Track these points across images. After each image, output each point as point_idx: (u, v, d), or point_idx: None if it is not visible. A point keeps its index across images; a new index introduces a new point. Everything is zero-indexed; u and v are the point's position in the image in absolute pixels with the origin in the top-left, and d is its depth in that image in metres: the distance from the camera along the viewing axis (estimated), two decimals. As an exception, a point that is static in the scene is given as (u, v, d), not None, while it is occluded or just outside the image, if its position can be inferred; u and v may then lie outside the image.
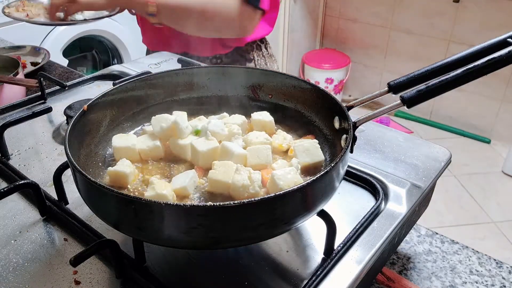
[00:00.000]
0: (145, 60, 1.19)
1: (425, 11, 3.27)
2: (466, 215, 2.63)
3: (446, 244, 0.77)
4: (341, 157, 0.53)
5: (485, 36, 2.33)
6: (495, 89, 3.16)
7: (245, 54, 1.37)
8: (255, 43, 1.39)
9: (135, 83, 0.74)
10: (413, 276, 0.72)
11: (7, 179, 0.76)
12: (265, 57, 1.42)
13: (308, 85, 0.73)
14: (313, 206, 0.53)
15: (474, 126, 3.34)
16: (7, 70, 1.22)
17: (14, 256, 0.61)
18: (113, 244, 0.55)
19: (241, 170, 0.58)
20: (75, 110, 0.86)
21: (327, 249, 0.59)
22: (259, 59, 1.40)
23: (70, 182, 0.72)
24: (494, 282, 0.70)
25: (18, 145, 0.85)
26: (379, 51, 3.62)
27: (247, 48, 1.37)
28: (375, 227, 0.63)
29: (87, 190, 0.53)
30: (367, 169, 0.74)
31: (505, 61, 0.57)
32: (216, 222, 0.48)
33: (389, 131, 0.85)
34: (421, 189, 0.70)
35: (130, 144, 0.66)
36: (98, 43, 2.83)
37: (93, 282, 0.57)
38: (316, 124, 0.72)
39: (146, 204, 0.47)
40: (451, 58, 0.63)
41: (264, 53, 1.41)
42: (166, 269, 0.58)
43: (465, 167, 3.00)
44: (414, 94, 0.58)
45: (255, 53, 1.38)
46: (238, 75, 0.78)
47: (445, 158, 0.77)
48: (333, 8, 3.71)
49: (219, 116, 0.74)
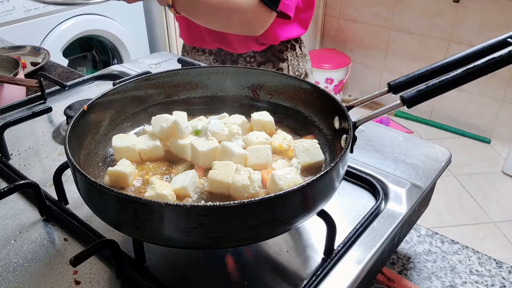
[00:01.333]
0: (145, 60, 1.20)
1: (425, 11, 3.27)
2: (466, 215, 2.63)
3: (446, 244, 0.77)
4: (341, 157, 0.53)
5: (485, 36, 2.33)
6: (495, 89, 3.16)
7: (279, 54, 1.37)
8: (290, 43, 1.38)
9: (135, 83, 0.74)
10: (413, 276, 0.72)
11: (7, 179, 0.76)
12: (299, 57, 1.41)
13: (308, 85, 0.73)
14: (313, 206, 0.53)
15: (474, 126, 3.34)
16: (7, 70, 1.22)
17: (14, 256, 0.61)
18: (113, 244, 0.55)
19: (241, 170, 0.58)
20: (75, 110, 0.86)
21: (327, 249, 0.59)
22: (292, 59, 1.39)
23: (70, 182, 0.72)
24: (494, 282, 0.70)
25: (18, 145, 0.85)
26: (379, 51, 3.62)
27: (281, 47, 1.37)
28: (375, 227, 0.63)
29: (87, 190, 0.53)
30: (367, 169, 0.74)
31: (505, 61, 0.57)
32: (216, 222, 0.48)
33: (389, 131, 0.85)
34: (421, 189, 0.70)
35: (130, 144, 0.66)
36: (98, 43, 2.83)
37: (93, 282, 0.57)
38: (316, 124, 0.72)
39: (146, 204, 0.47)
40: (451, 58, 0.63)
41: (298, 53, 1.41)
42: (166, 269, 0.58)
43: (465, 167, 3.00)
44: (414, 94, 0.58)
45: (289, 53, 1.38)
46: (238, 75, 0.78)
47: (445, 158, 0.77)
48: (333, 8, 3.71)
49: (219, 116, 0.74)
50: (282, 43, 1.36)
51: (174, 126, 0.67)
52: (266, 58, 1.36)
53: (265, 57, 1.36)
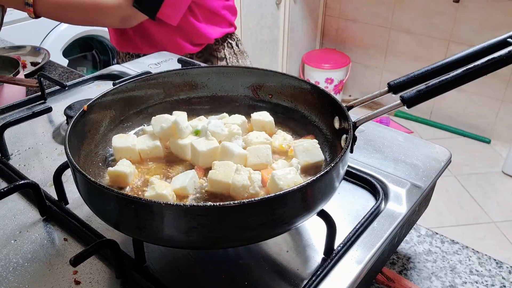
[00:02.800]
0: (145, 60, 1.19)
1: (425, 11, 3.27)
2: (466, 215, 2.63)
3: (446, 244, 0.77)
4: (341, 157, 0.53)
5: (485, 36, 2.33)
6: (495, 89, 3.16)
7: (216, 53, 1.37)
8: (226, 41, 1.39)
9: (135, 83, 0.74)
10: (413, 276, 0.72)
11: (7, 179, 0.76)
12: (237, 54, 1.42)
13: (308, 85, 0.73)
14: (313, 206, 0.53)
15: (474, 126, 3.34)
16: (7, 70, 1.22)
17: (14, 256, 0.61)
18: (113, 244, 0.55)
19: (241, 170, 0.58)
20: (75, 110, 0.86)
21: (327, 249, 0.59)
22: (230, 57, 1.40)
23: (70, 182, 0.72)
24: (494, 282, 0.70)
25: (18, 145, 0.85)
26: (379, 51, 3.62)
27: (217, 46, 1.37)
28: (375, 227, 0.63)
29: (87, 190, 0.53)
30: (367, 169, 0.74)
31: (505, 61, 0.57)
32: (216, 222, 0.48)
33: (389, 131, 0.85)
34: (421, 189, 0.70)
35: (130, 144, 0.66)
36: (98, 43, 2.83)
37: (93, 282, 0.57)
38: (316, 124, 0.72)
39: (146, 204, 0.47)
40: (451, 58, 0.63)
41: (235, 50, 1.42)
42: (166, 269, 0.58)
43: (465, 167, 3.00)
44: (414, 94, 0.58)
45: (226, 51, 1.39)
46: (238, 75, 0.78)
47: (445, 158, 0.77)
48: (333, 8, 3.71)
49: (219, 116, 0.74)
50: (217, 42, 1.36)
51: (174, 126, 0.67)
52: (203, 58, 1.37)
53: (202, 58, 1.37)
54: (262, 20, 3.21)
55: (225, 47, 1.39)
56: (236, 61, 1.42)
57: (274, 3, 3.24)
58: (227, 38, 1.40)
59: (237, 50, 1.43)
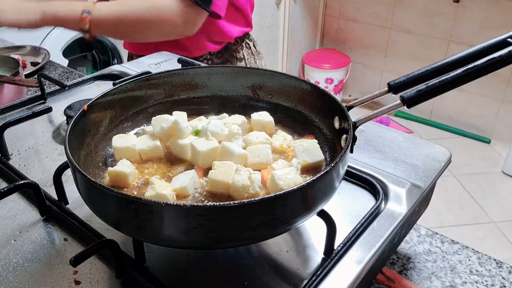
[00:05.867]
0: (145, 60, 1.19)
1: (425, 11, 3.27)
2: (466, 215, 2.63)
3: (446, 244, 0.77)
4: (341, 157, 0.53)
5: (485, 36, 2.34)
6: (495, 89, 3.16)
7: (235, 54, 1.37)
8: (244, 41, 1.39)
9: (135, 83, 0.74)
10: (413, 276, 0.72)
11: (7, 179, 0.76)
12: (254, 54, 1.43)
13: (308, 85, 0.73)
14: (313, 206, 0.53)
15: (474, 126, 3.34)
16: (7, 70, 1.22)
17: (14, 256, 0.61)
18: (113, 244, 0.55)
19: (241, 170, 0.58)
20: (75, 110, 0.86)
21: (327, 249, 0.59)
22: (249, 57, 1.40)
23: (70, 182, 0.72)
24: (494, 282, 0.70)
25: (18, 145, 0.85)
26: (379, 51, 3.62)
27: (236, 47, 1.37)
28: (375, 227, 0.63)
29: (87, 190, 0.53)
30: (367, 169, 0.74)
31: (505, 61, 0.57)
32: (216, 222, 0.48)
33: (389, 131, 0.85)
34: (421, 189, 0.70)
35: (130, 144, 0.66)
36: (98, 43, 2.83)
37: (93, 282, 0.57)
38: (316, 124, 0.72)
39: (146, 204, 0.47)
40: (451, 58, 0.63)
41: (253, 51, 1.42)
42: (166, 269, 0.58)
43: (465, 167, 3.00)
44: (414, 94, 0.58)
45: (245, 52, 1.39)
46: (238, 75, 0.78)
47: (445, 158, 0.77)
48: (333, 8, 3.71)
49: (219, 116, 0.74)
50: (237, 42, 1.36)
51: (174, 126, 0.67)
52: (223, 58, 1.36)
53: (222, 58, 1.36)
54: (262, 20, 3.21)
55: (244, 48, 1.39)
56: (254, 62, 1.42)
57: (274, 3, 3.24)
58: (245, 39, 1.40)
59: (254, 51, 1.43)
